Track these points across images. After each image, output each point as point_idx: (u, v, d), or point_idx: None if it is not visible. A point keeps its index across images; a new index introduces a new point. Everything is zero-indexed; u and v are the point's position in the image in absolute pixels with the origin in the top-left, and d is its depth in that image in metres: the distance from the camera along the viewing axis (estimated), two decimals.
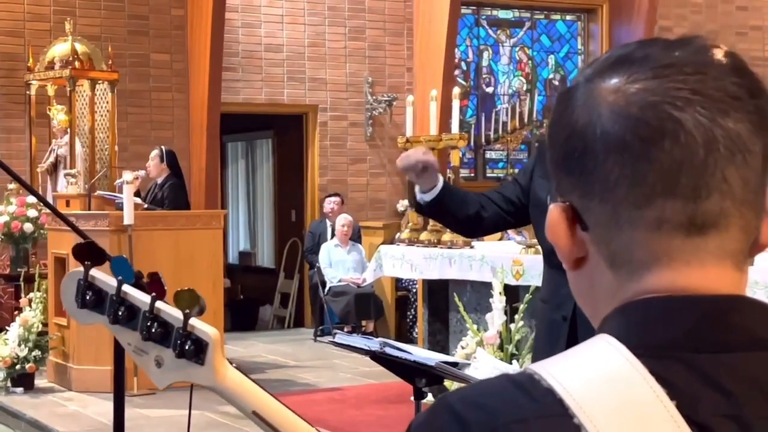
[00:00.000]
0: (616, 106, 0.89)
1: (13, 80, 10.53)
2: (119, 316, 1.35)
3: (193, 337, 1.29)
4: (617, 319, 0.90)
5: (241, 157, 14.83)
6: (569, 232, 0.93)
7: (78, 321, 1.40)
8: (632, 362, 0.85)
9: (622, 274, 0.91)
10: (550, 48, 13.66)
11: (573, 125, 0.91)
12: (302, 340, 11.11)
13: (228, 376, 1.30)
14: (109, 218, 8.17)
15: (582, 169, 0.91)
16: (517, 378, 0.87)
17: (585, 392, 0.83)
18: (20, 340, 8.12)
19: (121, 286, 1.36)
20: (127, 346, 1.35)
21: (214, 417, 7.17)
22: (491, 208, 3.43)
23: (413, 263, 7.84)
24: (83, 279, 1.39)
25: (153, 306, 1.33)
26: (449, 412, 0.86)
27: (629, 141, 0.88)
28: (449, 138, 7.89)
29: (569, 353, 0.88)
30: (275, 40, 11.92)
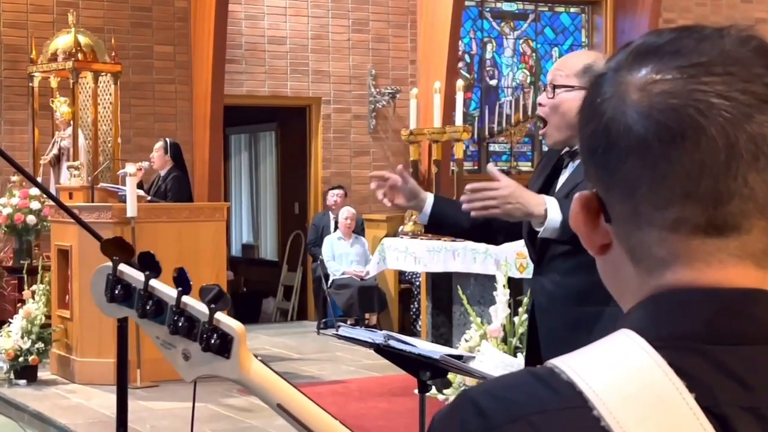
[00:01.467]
0: (640, 107, 0.89)
1: (16, 72, 10.53)
2: (147, 310, 1.38)
3: (219, 331, 1.32)
4: (637, 313, 0.90)
5: (244, 150, 14.82)
6: (591, 221, 0.94)
7: (107, 314, 1.43)
8: (651, 354, 0.85)
9: (642, 270, 0.92)
10: (554, 40, 13.63)
11: (599, 119, 0.92)
12: (305, 332, 11.11)
13: (253, 369, 1.32)
14: (112, 210, 8.16)
15: (605, 165, 0.91)
16: (538, 371, 0.88)
17: (604, 385, 0.84)
18: (23, 333, 8.12)
19: (149, 281, 1.38)
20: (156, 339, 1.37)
21: (218, 409, 7.17)
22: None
23: (417, 256, 7.83)
24: (112, 273, 1.41)
25: (180, 300, 1.35)
26: (471, 405, 0.87)
27: (651, 142, 0.88)
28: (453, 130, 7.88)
29: (590, 347, 0.89)
30: (278, 32, 11.90)
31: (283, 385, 1.33)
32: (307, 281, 12.35)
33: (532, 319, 3.24)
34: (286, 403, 1.32)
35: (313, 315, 11.94)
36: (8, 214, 9.40)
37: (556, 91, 3.06)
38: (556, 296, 3.14)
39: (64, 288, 8.46)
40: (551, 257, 3.15)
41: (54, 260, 8.59)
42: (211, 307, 1.32)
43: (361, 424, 6.80)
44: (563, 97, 3.05)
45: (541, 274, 3.20)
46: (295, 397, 1.32)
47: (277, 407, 1.32)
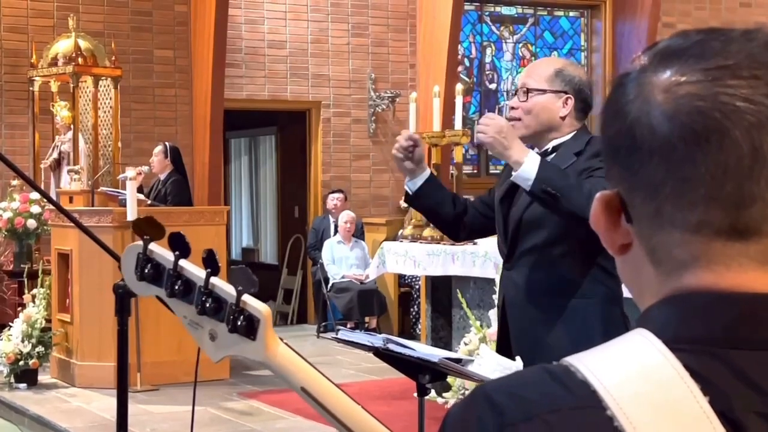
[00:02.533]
0: (665, 108, 0.89)
1: (16, 76, 10.54)
2: (176, 289, 1.40)
3: (245, 313, 1.34)
4: (655, 313, 0.90)
5: (244, 154, 14.83)
6: (612, 221, 0.94)
7: (137, 293, 1.45)
8: (667, 356, 0.85)
9: (662, 271, 0.92)
10: (553, 44, 13.65)
11: (623, 120, 0.92)
12: (305, 336, 11.12)
13: (279, 352, 1.34)
14: (112, 214, 8.18)
15: (628, 165, 0.91)
16: (554, 369, 0.88)
17: (619, 385, 0.84)
18: (23, 336, 8.13)
19: (178, 261, 1.40)
20: (183, 318, 1.39)
21: (218, 413, 7.18)
22: (471, 211, 3.52)
23: (416, 259, 7.84)
24: (142, 252, 1.43)
25: (208, 281, 1.37)
26: (486, 401, 0.88)
27: (675, 144, 0.88)
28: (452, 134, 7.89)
29: (606, 346, 0.89)
30: (278, 37, 11.92)
31: (308, 368, 1.35)
32: (307, 285, 12.36)
33: (503, 314, 3.31)
34: (309, 386, 1.34)
35: (312, 318, 11.95)
36: (9, 218, 9.42)
37: (530, 95, 3.21)
38: (524, 290, 3.21)
39: (64, 292, 8.47)
40: (521, 252, 3.23)
41: (54, 264, 8.59)
42: (239, 289, 1.34)
43: None
44: (536, 100, 3.20)
45: (511, 269, 3.28)
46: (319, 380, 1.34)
47: (301, 390, 1.34)
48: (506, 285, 3.31)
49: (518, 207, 3.24)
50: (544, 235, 3.15)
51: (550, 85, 3.18)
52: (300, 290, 12.51)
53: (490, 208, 3.47)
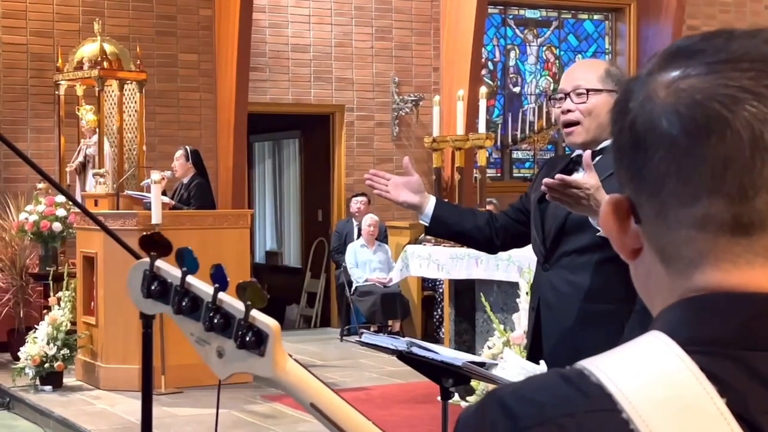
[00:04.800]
0: (666, 103, 0.89)
1: (42, 80, 10.61)
2: (183, 306, 1.38)
3: (254, 329, 1.31)
4: (668, 316, 0.90)
5: (268, 157, 14.86)
6: (621, 225, 0.94)
7: (143, 310, 1.43)
8: (682, 358, 0.84)
9: (672, 271, 0.91)
10: (577, 47, 13.61)
11: (627, 119, 0.92)
12: (329, 339, 11.12)
13: (287, 369, 1.32)
14: (137, 217, 8.21)
15: (633, 163, 0.91)
16: (567, 373, 0.87)
17: (634, 387, 0.84)
18: (49, 339, 8.17)
19: (185, 277, 1.38)
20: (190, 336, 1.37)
21: (241, 416, 7.19)
22: (501, 217, 3.46)
23: (440, 263, 7.83)
24: (149, 269, 1.41)
25: (216, 297, 1.35)
26: (499, 406, 0.87)
27: (676, 138, 0.88)
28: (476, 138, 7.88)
29: (620, 349, 0.88)
30: (302, 40, 11.95)
31: (317, 384, 1.33)
32: (330, 288, 12.37)
33: (537, 317, 3.25)
34: (319, 402, 1.32)
35: (336, 322, 11.95)
36: (34, 221, 9.47)
37: (589, 95, 3.12)
38: (564, 293, 3.15)
39: (89, 294, 8.52)
40: (561, 254, 3.17)
41: (79, 267, 8.64)
42: (247, 304, 1.32)
43: None
44: (594, 101, 3.12)
45: (548, 270, 3.21)
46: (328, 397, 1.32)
47: (310, 406, 1.32)
48: (543, 287, 3.24)
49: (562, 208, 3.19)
50: (588, 238, 3.08)
51: (604, 84, 3.11)
52: (323, 293, 12.52)
53: (522, 213, 3.42)
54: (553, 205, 3.20)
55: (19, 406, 8.04)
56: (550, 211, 3.22)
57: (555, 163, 3.32)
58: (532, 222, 3.29)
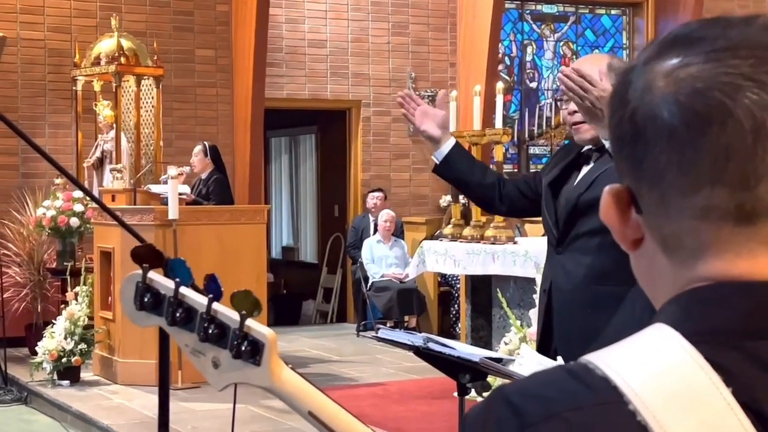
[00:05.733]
0: (666, 93, 0.88)
1: (59, 76, 10.65)
2: (177, 317, 1.36)
3: (249, 338, 1.30)
4: (672, 307, 0.89)
5: (284, 153, 14.88)
6: (621, 215, 0.94)
7: (136, 323, 1.40)
8: (687, 349, 0.84)
9: (675, 261, 0.91)
10: (594, 43, 13.57)
11: (625, 109, 0.91)
12: (345, 335, 11.13)
13: (284, 377, 1.31)
14: (154, 213, 8.23)
15: (633, 154, 0.91)
16: (572, 368, 0.87)
17: (640, 379, 0.83)
18: (66, 334, 8.21)
19: (179, 288, 1.37)
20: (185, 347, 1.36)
21: (258, 411, 7.21)
22: (510, 185, 3.48)
23: (456, 259, 7.82)
24: (141, 281, 1.40)
25: (210, 307, 1.33)
26: (504, 403, 0.87)
27: (677, 128, 0.87)
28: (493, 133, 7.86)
29: (624, 342, 0.88)
30: (319, 36, 11.95)
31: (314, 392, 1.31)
32: (346, 283, 12.38)
33: (548, 300, 3.25)
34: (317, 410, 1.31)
35: (352, 317, 11.96)
36: (52, 216, 9.51)
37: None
38: (576, 276, 3.14)
39: (106, 290, 8.54)
40: (575, 236, 3.17)
41: (97, 262, 8.67)
42: (242, 313, 1.30)
43: (400, 427, 6.81)
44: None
45: (561, 253, 3.21)
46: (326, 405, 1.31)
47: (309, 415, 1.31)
48: (554, 270, 3.25)
49: (575, 190, 3.19)
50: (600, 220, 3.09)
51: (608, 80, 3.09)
52: (339, 289, 12.53)
53: (532, 191, 3.43)
54: (565, 189, 3.22)
55: (37, 401, 8.08)
56: (562, 194, 3.23)
57: (570, 150, 3.32)
58: (544, 205, 3.31)
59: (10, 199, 10.01)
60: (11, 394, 8.22)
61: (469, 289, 8.04)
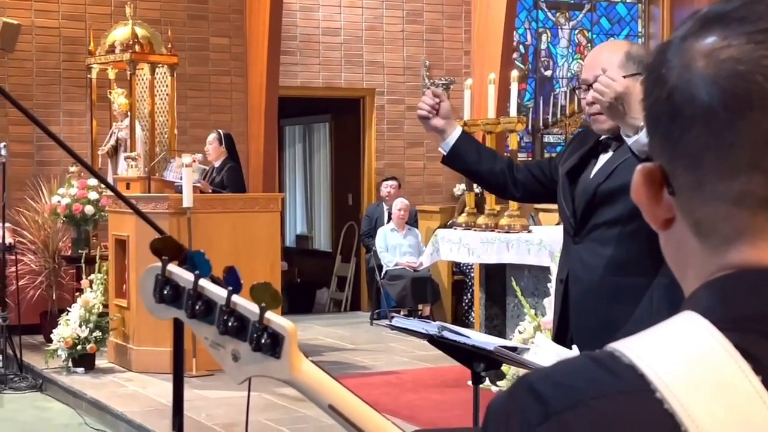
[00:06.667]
0: (706, 74, 0.86)
1: (74, 64, 10.66)
2: (196, 310, 1.35)
3: (269, 331, 1.29)
4: (702, 294, 0.88)
5: (298, 141, 14.88)
6: (653, 194, 0.92)
7: (155, 316, 1.40)
8: (716, 336, 0.83)
9: (707, 246, 0.89)
10: (609, 31, 13.51)
11: (663, 86, 0.89)
12: (359, 323, 11.14)
13: (304, 370, 1.30)
14: (168, 201, 8.24)
15: (669, 135, 0.89)
16: (598, 356, 0.86)
17: (668, 367, 0.82)
18: (81, 321, 8.23)
19: (198, 281, 1.36)
20: (204, 340, 1.35)
21: (273, 399, 7.22)
22: (523, 171, 3.45)
23: (470, 247, 7.81)
24: (161, 274, 1.39)
25: (229, 300, 1.33)
26: (529, 392, 0.85)
27: (716, 111, 0.85)
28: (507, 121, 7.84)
29: (651, 330, 0.86)
30: (333, 24, 11.93)
31: (334, 385, 1.31)
32: (360, 272, 12.38)
33: (565, 290, 3.23)
34: (337, 403, 1.30)
35: (366, 306, 11.97)
36: (67, 204, 9.54)
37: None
38: (594, 266, 3.12)
39: (121, 277, 8.57)
40: (593, 226, 3.15)
41: (111, 250, 8.69)
42: (262, 306, 1.30)
43: (413, 415, 6.81)
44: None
45: (578, 243, 3.19)
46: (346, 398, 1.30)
47: (329, 408, 1.30)
48: (571, 260, 3.22)
49: (594, 179, 3.17)
50: (619, 210, 3.07)
51: (626, 70, 3.07)
52: (353, 277, 12.53)
53: (545, 176, 3.41)
54: (583, 178, 3.20)
55: (52, 388, 8.11)
56: (580, 183, 3.21)
57: (586, 138, 3.29)
58: (560, 194, 3.28)
59: (25, 187, 10.04)
60: (26, 381, 8.25)
61: (483, 278, 8.02)
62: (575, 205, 3.20)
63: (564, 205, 3.25)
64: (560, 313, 3.25)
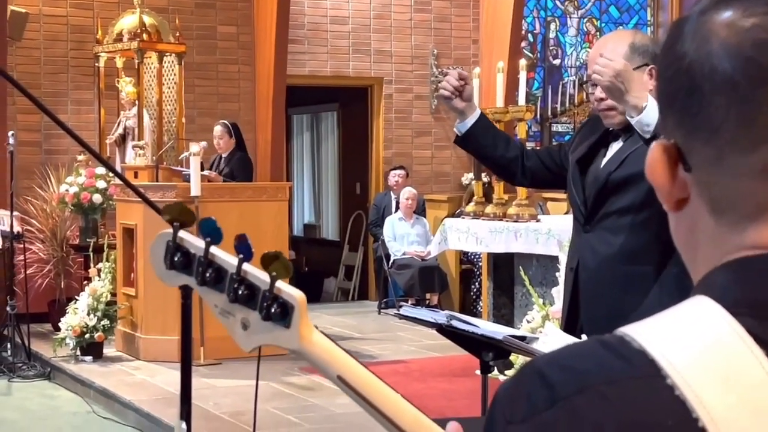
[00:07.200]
0: (728, 43, 0.85)
1: (82, 52, 10.65)
2: (206, 277, 1.33)
3: (279, 300, 1.28)
4: (718, 277, 0.86)
5: (306, 130, 14.87)
6: (669, 172, 0.90)
7: (165, 282, 1.39)
8: (729, 321, 0.81)
9: (724, 224, 0.87)
10: (618, 19, 13.45)
11: (681, 60, 0.87)
12: (366, 312, 11.14)
13: (313, 340, 1.29)
14: (176, 189, 8.24)
15: (687, 108, 0.87)
16: (607, 340, 0.84)
17: (679, 353, 0.80)
18: (89, 310, 8.24)
19: (209, 248, 1.35)
20: (214, 308, 1.34)
21: (280, 388, 7.23)
22: (534, 158, 3.44)
23: (479, 236, 7.80)
24: (172, 240, 1.38)
25: (240, 268, 1.32)
26: (537, 376, 0.84)
27: (738, 81, 0.83)
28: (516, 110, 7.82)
29: (662, 315, 0.85)
30: (341, 13, 11.90)
31: (344, 357, 1.29)
32: (368, 261, 12.38)
33: (575, 279, 3.22)
34: (346, 375, 1.29)
35: (374, 295, 11.97)
36: (75, 192, 9.54)
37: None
38: (604, 255, 3.11)
39: (129, 266, 8.58)
40: (603, 215, 3.14)
41: (119, 239, 8.70)
42: (273, 275, 1.28)
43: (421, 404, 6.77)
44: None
45: (589, 232, 3.18)
46: (356, 369, 1.29)
47: (337, 379, 1.29)
48: (582, 248, 3.20)
49: (605, 168, 3.15)
50: (631, 198, 3.06)
51: (632, 63, 3.05)
52: (361, 267, 12.53)
53: (555, 164, 3.40)
54: (594, 167, 3.19)
55: (60, 377, 8.13)
56: (590, 172, 3.19)
57: (596, 124, 3.27)
58: (571, 182, 3.27)
59: (33, 176, 10.05)
60: (34, 370, 8.27)
61: (491, 267, 8.02)
62: (586, 194, 3.19)
63: (575, 194, 3.24)
64: (570, 303, 3.23)
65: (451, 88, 3.36)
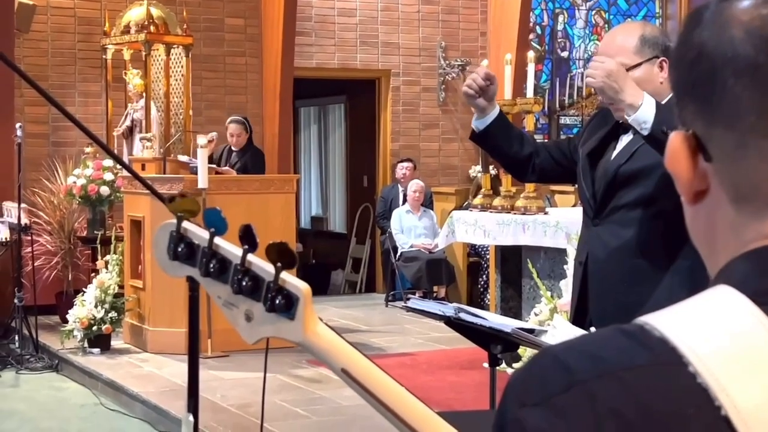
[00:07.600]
0: (751, 27, 0.84)
1: (89, 44, 10.65)
2: (210, 268, 1.32)
3: (284, 292, 1.26)
4: (740, 265, 0.85)
5: (313, 122, 14.85)
6: (690, 161, 0.88)
7: (169, 273, 1.37)
8: (750, 310, 0.80)
9: (746, 212, 0.86)
10: (627, 11, 13.41)
11: (700, 47, 0.86)
12: (374, 305, 11.14)
13: (318, 332, 1.27)
14: (183, 182, 8.24)
15: (708, 95, 0.85)
16: (627, 328, 0.82)
17: (701, 341, 0.79)
18: (97, 302, 8.25)
19: (213, 239, 1.33)
20: (218, 299, 1.32)
21: (287, 380, 7.23)
22: (543, 154, 3.44)
23: (486, 229, 7.78)
24: (176, 231, 1.36)
25: (244, 259, 1.30)
26: (553, 361, 0.82)
27: (761, 64, 0.82)
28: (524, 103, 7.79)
29: (683, 304, 0.83)
30: (348, 5, 11.88)
31: (349, 349, 1.28)
32: (375, 254, 12.38)
33: (584, 272, 3.21)
34: (350, 367, 1.27)
35: (381, 287, 11.97)
36: (82, 185, 9.54)
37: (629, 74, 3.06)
38: (614, 248, 3.10)
39: (136, 258, 8.58)
40: (613, 208, 3.13)
41: (127, 231, 8.70)
42: (277, 266, 1.27)
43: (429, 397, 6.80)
44: (635, 77, 3.05)
45: (598, 225, 3.17)
46: (360, 362, 1.27)
47: (341, 372, 1.28)
48: (592, 242, 3.19)
49: (614, 161, 3.14)
50: (640, 191, 3.05)
51: (641, 56, 3.04)
52: (368, 259, 12.52)
53: (566, 158, 3.39)
54: (604, 160, 3.17)
55: (68, 369, 8.14)
56: (600, 165, 3.18)
57: (606, 117, 3.25)
58: (581, 175, 3.26)
59: (40, 168, 10.05)
60: (42, 362, 8.28)
61: (499, 260, 8.00)
62: (595, 187, 3.18)
63: (584, 187, 3.23)
64: (579, 296, 3.22)
65: (477, 87, 3.34)
